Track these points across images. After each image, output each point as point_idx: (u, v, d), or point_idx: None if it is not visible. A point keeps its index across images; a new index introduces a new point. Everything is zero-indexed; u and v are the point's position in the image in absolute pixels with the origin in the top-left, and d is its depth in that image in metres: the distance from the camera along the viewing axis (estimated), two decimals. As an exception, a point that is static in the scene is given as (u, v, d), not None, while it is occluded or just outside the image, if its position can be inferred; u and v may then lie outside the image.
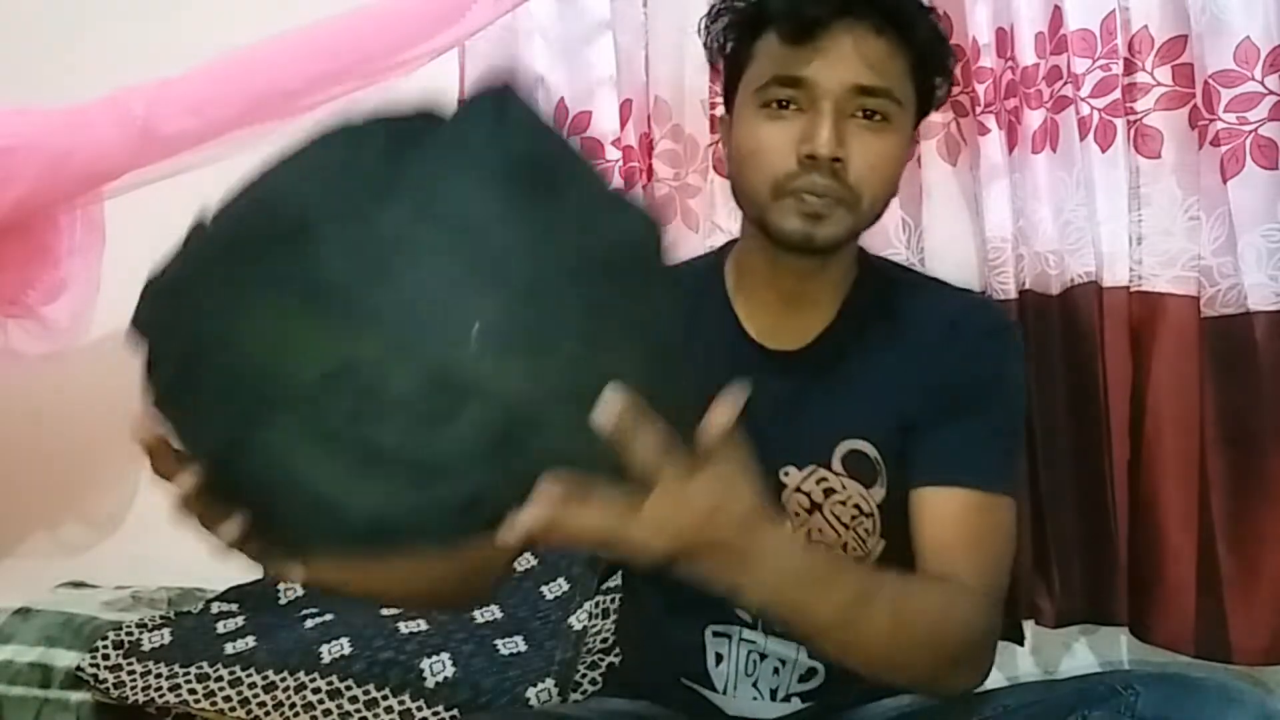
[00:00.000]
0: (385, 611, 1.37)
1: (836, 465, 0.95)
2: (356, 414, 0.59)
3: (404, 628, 1.33)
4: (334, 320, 0.59)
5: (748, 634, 0.96)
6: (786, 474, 0.96)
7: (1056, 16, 1.30)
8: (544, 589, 1.43)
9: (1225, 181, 1.23)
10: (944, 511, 0.92)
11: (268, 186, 0.66)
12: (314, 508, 0.60)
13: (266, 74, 1.12)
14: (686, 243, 1.44)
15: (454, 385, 0.58)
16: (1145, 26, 1.30)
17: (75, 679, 1.33)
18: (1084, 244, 1.30)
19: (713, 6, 0.97)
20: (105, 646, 1.34)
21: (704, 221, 1.41)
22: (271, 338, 0.60)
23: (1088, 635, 1.41)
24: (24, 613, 1.42)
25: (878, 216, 0.94)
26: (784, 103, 0.90)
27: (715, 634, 0.97)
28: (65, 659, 1.35)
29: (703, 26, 0.99)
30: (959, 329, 0.98)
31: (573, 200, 0.64)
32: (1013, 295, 1.32)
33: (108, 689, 1.31)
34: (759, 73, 0.92)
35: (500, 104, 0.66)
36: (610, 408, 0.59)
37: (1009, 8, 1.31)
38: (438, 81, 1.35)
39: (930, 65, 0.94)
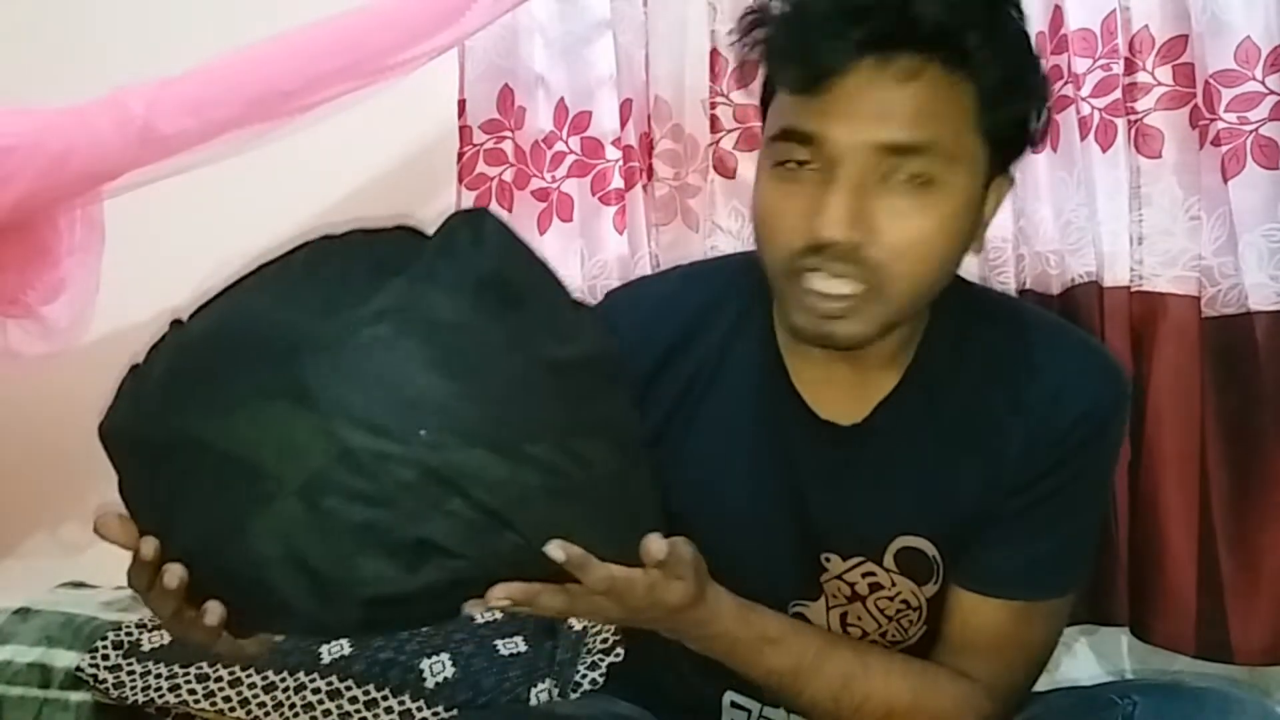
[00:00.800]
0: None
1: (889, 562, 0.84)
2: (352, 499, 0.62)
3: (404, 628, 1.33)
4: (328, 419, 0.63)
5: (769, 711, 0.89)
6: (828, 560, 0.85)
7: (1057, 16, 1.29)
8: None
9: (1226, 181, 1.23)
10: (978, 619, 0.82)
11: (254, 304, 0.70)
12: (309, 591, 0.63)
13: (266, 74, 1.12)
14: (687, 243, 1.44)
15: (444, 477, 0.63)
16: (1146, 26, 1.30)
17: (75, 679, 1.33)
18: (1084, 244, 1.30)
19: (742, 16, 0.77)
20: (105, 646, 1.34)
21: (704, 221, 1.41)
22: (268, 436, 0.64)
23: (1088, 635, 1.41)
24: (24, 613, 1.42)
25: (927, 298, 0.76)
26: (800, 161, 0.72)
27: (734, 704, 0.91)
28: (65, 659, 1.35)
29: (731, 40, 0.80)
30: (1060, 413, 0.79)
31: (538, 314, 0.70)
32: (1013, 295, 1.32)
33: (107, 689, 1.31)
34: (774, 118, 0.75)
35: (475, 227, 0.72)
36: (555, 555, 0.64)
37: (1009, 8, 1.31)
38: (438, 81, 1.36)
39: (1007, 101, 0.72)
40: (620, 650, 1.20)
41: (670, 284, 0.96)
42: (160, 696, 1.29)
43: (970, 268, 1.38)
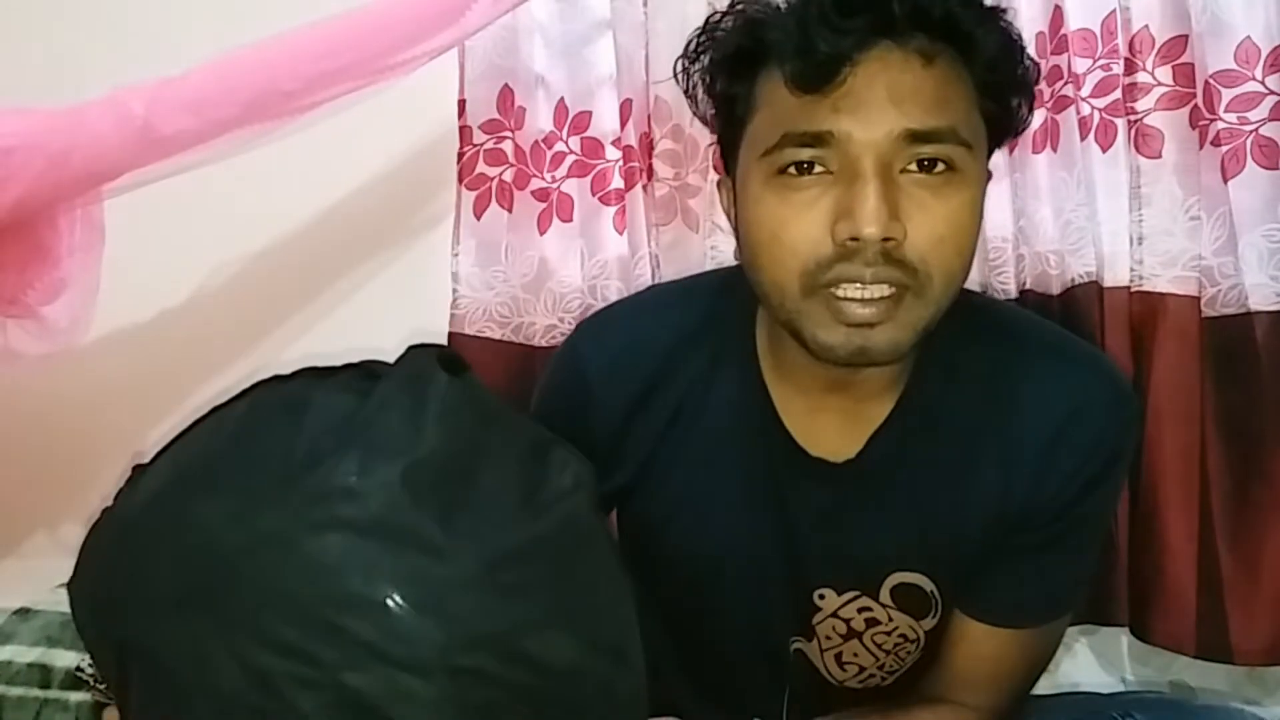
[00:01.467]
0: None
1: (884, 597, 0.81)
2: None
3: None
4: (242, 639, 0.58)
5: None
6: (822, 596, 0.82)
7: (1057, 16, 1.29)
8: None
9: (1226, 181, 1.23)
10: (986, 650, 0.80)
11: (183, 486, 0.65)
12: None
13: (266, 74, 1.11)
14: (687, 243, 1.44)
15: (364, 702, 0.57)
16: (1146, 26, 1.30)
17: (75, 679, 1.33)
18: (1084, 244, 1.30)
19: (689, 42, 0.75)
20: (105, 646, 1.34)
21: (704, 221, 1.41)
22: (183, 649, 0.59)
23: (1088, 635, 1.41)
24: (24, 613, 1.42)
25: (959, 290, 0.72)
26: (804, 164, 0.68)
27: None
28: (65, 659, 1.35)
29: (678, 70, 0.76)
30: (1062, 440, 0.76)
31: (491, 492, 0.63)
32: (1013, 295, 1.32)
33: (107, 690, 1.31)
34: (765, 128, 0.69)
35: (416, 388, 0.64)
36: None
37: (1009, 8, 1.30)
38: (438, 81, 1.36)
39: (1002, 86, 0.72)
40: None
41: (641, 319, 0.90)
42: (160, 696, 1.28)
43: (970, 269, 1.38)
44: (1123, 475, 0.84)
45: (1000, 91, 0.72)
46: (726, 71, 0.72)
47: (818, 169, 0.68)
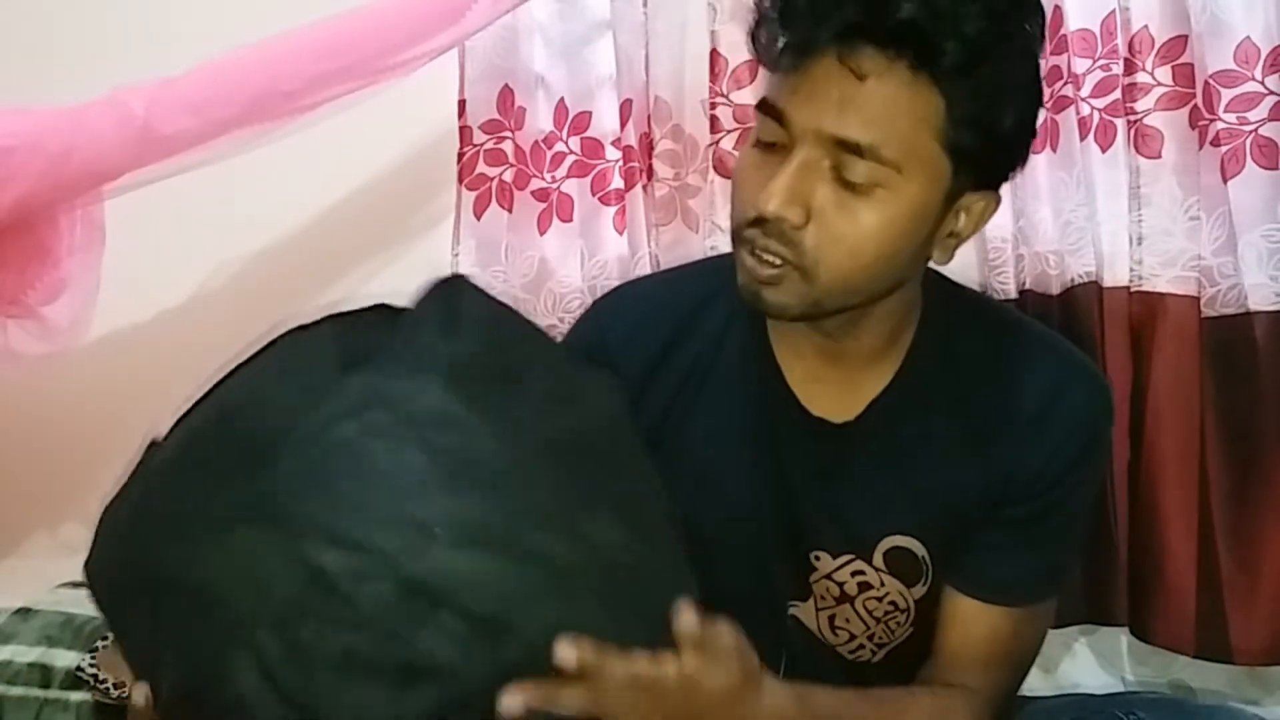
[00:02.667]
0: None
1: (878, 560, 0.84)
2: (329, 625, 0.57)
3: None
4: (296, 540, 0.58)
5: None
6: (818, 558, 0.86)
7: (1056, 16, 1.29)
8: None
9: (1225, 181, 1.23)
10: (978, 628, 0.83)
11: (221, 413, 0.65)
12: None
13: (266, 74, 1.12)
14: (687, 243, 1.44)
15: (428, 588, 0.57)
16: (1145, 26, 1.30)
17: (75, 679, 1.33)
18: (1084, 244, 1.30)
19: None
20: (105, 647, 1.34)
21: (704, 221, 1.41)
22: (236, 567, 0.59)
23: (1087, 635, 1.41)
24: (24, 613, 1.42)
25: (862, 292, 0.75)
26: (770, 143, 0.73)
27: None
28: (65, 659, 1.35)
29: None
30: (1047, 418, 0.80)
31: (532, 389, 0.64)
32: (1013, 295, 1.32)
33: (107, 689, 1.31)
34: (762, 90, 0.76)
35: (448, 304, 0.66)
36: (565, 656, 0.58)
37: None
38: (438, 82, 1.36)
39: (980, 118, 0.70)
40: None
41: (660, 285, 0.97)
42: (160, 696, 1.28)
43: (970, 270, 1.39)
44: (1102, 461, 0.89)
45: (975, 122, 0.70)
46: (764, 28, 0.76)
47: (778, 145, 0.73)
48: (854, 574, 0.85)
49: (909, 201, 0.71)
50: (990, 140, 0.71)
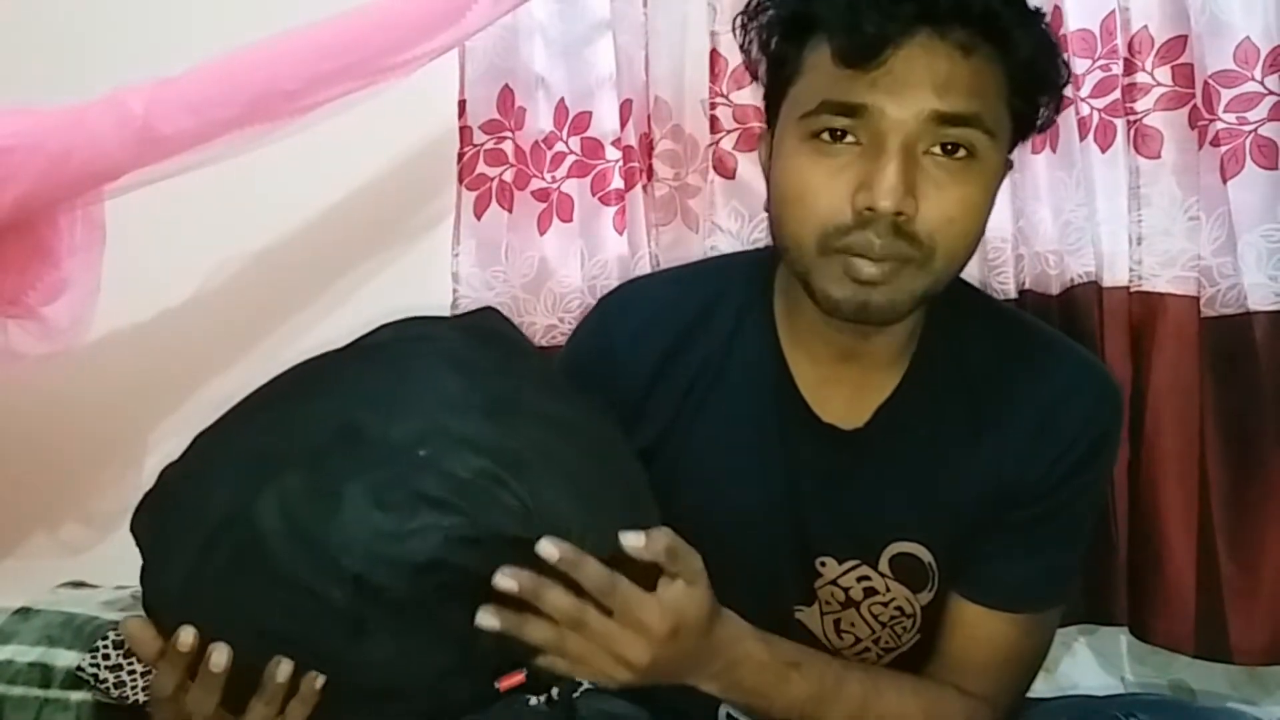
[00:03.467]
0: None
1: (884, 566, 0.84)
2: (351, 463, 0.66)
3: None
4: (336, 401, 0.69)
5: None
6: (823, 564, 0.85)
7: (1056, 16, 1.29)
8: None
9: (1225, 181, 1.23)
10: (983, 633, 0.83)
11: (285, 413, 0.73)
12: (305, 560, 0.65)
13: (266, 74, 1.12)
14: (687, 243, 1.44)
15: (449, 432, 0.66)
16: (1145, 26, 1.30)
17: (75, 679, 1.33)
18: (1084, 244, 1.30)
19: (751, 1, 0.79)
20: (105, 646, 1.34)
21: (704, 222, 1.41)
22: (278, 428, 0.69)
23: (1087, 635, 1.41)
24: (24, 613, 1.42)
25: (959, 271, 0.76)
26: (838, 132, 0.72)
27: (729, 715, 0.90)
28: (65, 659, 1.35)
29: (738, 24, 0.79)
30: (1055, 421, 0.80)
31: (531, 388, 0.73)
32: (1012, 295, 1.32)
33: (108, 689, 1.31)
34: (807, 93, 0.74)
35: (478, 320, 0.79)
36: (548, 551, 0.63)
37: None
38: (438, 82, 1.36)
39: (1032, 85, 0.76)
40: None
41: (668, 284, 0.96)
42: (160, 696, 1.28)
43: (970, 269, 1.38)
44: (1109, 462, 0.88)
45: (1031, 90, 0.75)
46: (780, 33, 0.76)
47: (849, 139, 0.72)
48: (860, 579, 0.85)
49: (995, 169, 0.74)
50: (1037, 102, 0.77)
